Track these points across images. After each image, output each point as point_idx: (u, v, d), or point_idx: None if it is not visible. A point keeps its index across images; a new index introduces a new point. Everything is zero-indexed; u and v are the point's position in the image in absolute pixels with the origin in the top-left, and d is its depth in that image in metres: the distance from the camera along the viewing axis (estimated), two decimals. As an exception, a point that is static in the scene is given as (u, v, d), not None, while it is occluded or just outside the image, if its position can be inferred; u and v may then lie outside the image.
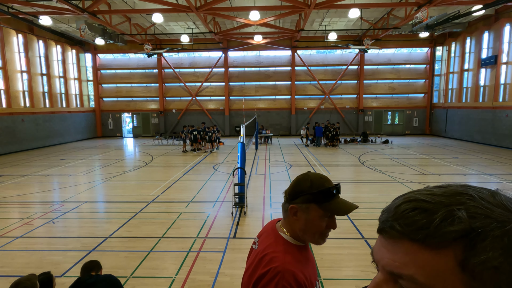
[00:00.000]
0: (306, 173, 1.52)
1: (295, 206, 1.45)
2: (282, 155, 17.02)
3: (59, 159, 16.52)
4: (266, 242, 1.49)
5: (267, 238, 1.53)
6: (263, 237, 1.56)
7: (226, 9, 17.38)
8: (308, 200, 1.42)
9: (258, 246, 1.52)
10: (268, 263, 1.36)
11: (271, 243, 1.47)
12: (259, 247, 1.50)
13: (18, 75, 19.96)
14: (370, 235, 6.31)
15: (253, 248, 1.58)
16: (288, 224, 1.51)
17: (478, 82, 21.21)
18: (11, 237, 6.47)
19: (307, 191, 1.43)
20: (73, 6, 15.23)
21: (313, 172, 1.54)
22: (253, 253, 1.55)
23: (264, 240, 1.53)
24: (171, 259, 5.49)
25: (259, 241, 1.55)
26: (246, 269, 1.50)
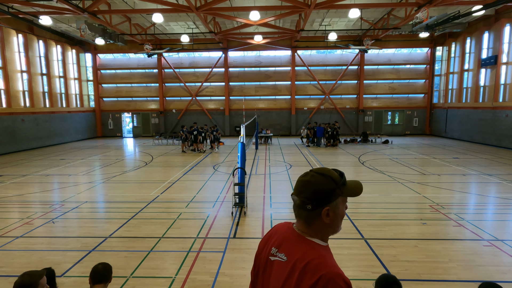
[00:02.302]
0: (313, 173, 1.47)
1: (328, 207, 1.41)
2: (282, 155, 17.02)
3: (59, 159, 16.52)
4: (298, 250, 1.41)
5: (295, 246, 1.43)
6: (287, 246, 1.46)
7: (226, 9, 17.38)
8: (337, 194, 1.42)
9: (288, 256, 1.42)
10: (315, 271, 1.30)
11: (307, 250, 1.38)
12: (290, 257, 1.40)
13: (18, 75, 19.96)
14: (370, 235, 6.31)
15: (279, 261, 1.46)
16: (317, 227, 1.44)
17: (478, 82, 21.21)
18: (11, 237, 6.47)
19: (335, 187, 1.42)
20: (73, 6, 15.23)
21: (315, 169, 1.51)
22: (282, 265, 1.43)
23: (292, 248, 1.43)
24: (171, 259, 5.49)
25: (286, 252, 1.45)
26: (281, 284, 1.39)
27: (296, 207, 1.47)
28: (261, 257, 1.61)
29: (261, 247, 1.64)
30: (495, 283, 2.42)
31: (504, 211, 7.93)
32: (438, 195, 9.10)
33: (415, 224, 6.98)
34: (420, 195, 9.18)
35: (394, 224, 6.97)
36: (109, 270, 2.96)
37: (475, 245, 5.88)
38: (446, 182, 10.65)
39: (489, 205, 8.50)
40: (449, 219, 7.23)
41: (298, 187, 1.47)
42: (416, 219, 7.32)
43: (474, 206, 8.42)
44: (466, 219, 7.18)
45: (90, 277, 2.88)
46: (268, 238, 1.61)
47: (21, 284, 2.50)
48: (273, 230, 1.64)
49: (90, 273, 2.88)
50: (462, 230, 6.60)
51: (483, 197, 9.15)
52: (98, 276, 2.87)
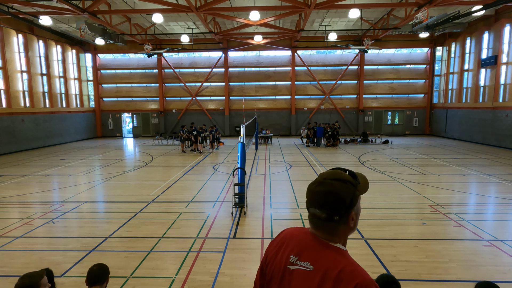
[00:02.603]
0: (329, 181, 1.38)
1: (353, 211, 1.38)
2: (282, 155, 17.02)
3: (59, 159, 16.52)
4: (326, 257, 1.34)
5: (320, 253, 1.36)
6: (310, 254, 1.38)
7: (226, 9, 17.38)
8: (357, 196, 1.40)
9: (314, 265, 1.34)
10: (350, 279, 1.26)
11: (336, 257, 1.33)
12: (318, 266, 1.33)
13: (18, 75, 19.97)
14: (370, 235, 6.31)
15: (302, 270, 1.37)
16: (341, 233, 1.40)
17: (478, 83, 21.21)
18: (11, 237, 6.47)
19: (354, 190, 1.39)
20: (73, 6, 15.23)
21: (326, 175, 1.42)
22: (308, 274, 1.34)
23: (318, 256, 1.36)
24: (171, 259, 5.49)
25: (311, 260, 1.36)
26: None
27: (318, 219, 1.38)
28: (274, 266, 1.48)
29: (272, 255, 1.52)
30: (491, 282, 2.42)
31: (504, 211, 7.93)
32: (438, 195, 9.10)
33: (415, 224, 6.98)
34: (420, 195, 9.18)
35: (394, 224, 6.97)
36: (104, 271, 2.93)
37: (475, 245, 5.88)
38: (446, 182, 10.65)
39: (489, 205, 8.50)
40: (449, 219, 7.23)
41: (317, 199, 1.38)
42: (416, 219, 7.32)
43: (474, 206, 8.42)
44: (466, 219, 7.18)
45: (86, 278, 2.86)
46: (281, 245, 1.50)
47: (21, 287, 2.50)
48: (285, 237, 1.53)
49: (86, 275, 2.87)
50: (462, 230, 6.60)
51: (483, 197, 9.15)
52: (93, 278, 2.86)
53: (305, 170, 12.90)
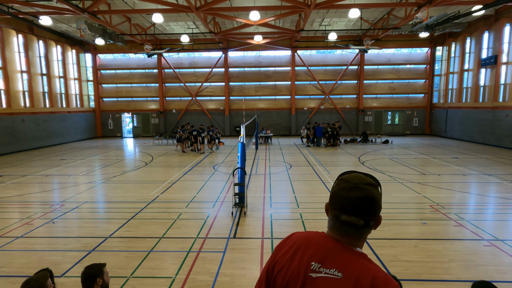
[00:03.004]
0: (362, 185, 1.34)
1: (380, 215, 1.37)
2: (282, 155, 17.02)
3: (59, 159, 16.52)
4: (355, 264, 1.30)
5: (348, 259, 1.31)
6: (336, 260, 1.32)
7: (226, 9, 17.37)
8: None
9: (343, 272, 1.29)
10: (384, 285, 1.24)
11: (365, 263, 1.30)
12: (348, 273, 1.28)
13: (18, 75, 19.96)
14: (370, 235, 6.28)
15: (329, 278, 1.30)
16: (366, 237, 1.39)
17: (478, 82, 21.21)
18: (11, 237, 6.47)
19: (380, 193, 1.39)
20: (73, 6, 15.23)
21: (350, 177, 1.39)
22: (337, 282, 1.28)
23: (347, 263, 1.30)
24: (171, 259, 5.49)
25: (338, 267, 1.30)
26: None
27: (353, 227, 1.33)
28: (290, 274, 1.37)
29: (285, 261, 1.41)
30: (488, 282, 2.42)
31: (504, 211, 7.93)
32: (438, 195, 9.10)
33: (415, 224, 6.98)
34: (420, 195, 9.18)
35: (394, 224, 6.97)
36: (93, 269, 2.95)
37: (475, 245, 5.87)
38: (446, 182, 10.65)
39: (489, 205, 8.50)
40: (449, 219, 7.23)
41: (353, 205, 1.32)
42: (416, 219, 7.32)
43: (474, 206, 8.41)
44: (466, 219, 7.18)
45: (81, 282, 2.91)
46: (296, 250, 1.40)
47: None
48: (298, 241, 1.44)
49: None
50: (462, 230, 6.60)
51: (483, 197, 9.15)
52: (84, 281, 2.91)
53: (305, 170, 12.90)
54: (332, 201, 1.39)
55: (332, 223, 1.39)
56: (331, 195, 1.40)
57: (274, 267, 1.45)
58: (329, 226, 1.42)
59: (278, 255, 1.46)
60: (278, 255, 1.47)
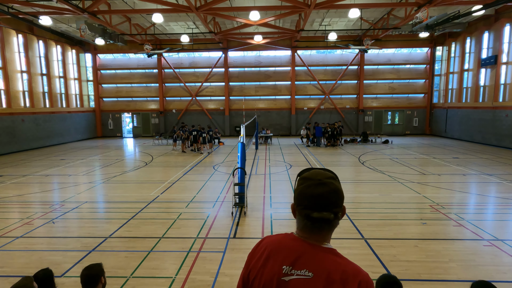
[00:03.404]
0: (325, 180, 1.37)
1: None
2: (282, 155, 17.02)
3: (59, 159, 16.52)
4: (324, 261, 1.32)
5: (317, 258, 1.33)
6: (307, 260, 1.33)
7: (226, 9, 17.37)
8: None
9: (314, 271, 1.30)
10: (353, 278, 1.28)
11: (334, 259, 1.33)
12: (319, 272, 1.30)
13: (18, 75, 19.97)
14: (370, 235, 6.31)
15: (301, 279, 1.31)
16: (330, 232, 1.40)
17: (478, 82, 21.21)
18: (11, 237, 6.47)
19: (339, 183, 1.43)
20: (73, 6, 15.23)
21: (313, 174, 1.41)
22: (308, 282, 1.30)
23: (317, 262, 1.32)
24: (171, 259, 5.49)
25: (309, 267, 1.32)
26: None
27: (325, 222, 1.34)
28: (263, 281, 1.38)
29: (259, 268, 1.42)
30: (487, 282, 2.41)
31: (504, 211, 7.93)
32: (438, 195, 9.10)
33: (415, 224, 6.98)
34: (420, 195, 9.18)
35: (394, 224, 6.97)
36: (95, 270, 2.90)
37: (475, 245, 5.87)
38: (446, 182, 10.65)
39: (489, 205, 8.50)
40: (449, 219, 7.23)
41: (323, 200, 1.34)
42: (416, 219, 7.32)
43: (474, 206, 8.42)
44: (466, 219, 7.18)
45: (81, 284, 2.85)
46: (268, 256, 1.41)
47: None
48: (269, 246, 1.44)
49: (80, 280, 2.86)
50: (462, 230, 6.60)
51: (483, 197, 9.15)
52: (86, 282, 2.85)
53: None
54: (299, 201, 1.38)
55: (303, 223, 1.38)
56: (298, 195, 1.39)
57: (249, 275, 1.46)
58: (299, 226, 1.41)
59: (252, 263, 1.46)
60: (251, 263, 1.47)
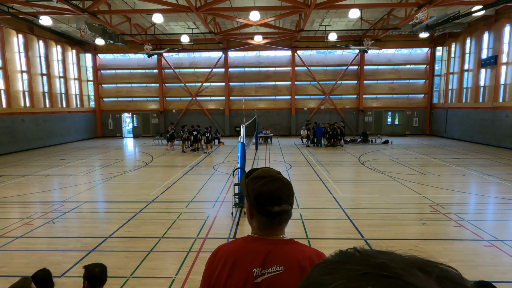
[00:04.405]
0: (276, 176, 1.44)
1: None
2: (282, 155, 17.02)
3: (59, 159, 16.52)
4: (288, 253, 1.36)
5: (282, 251, 1.36)
6: (274, 257, 1.35)
7: (226, 9, 17.38)
8: None
9: (284, 264, 1.33)
10: (319, 260, 1.31)
11: (298, 248, 1.38)
12: (288, 263, 1.33)
13: (18, 75, 19.96)
14: (370, 236, 6.31)
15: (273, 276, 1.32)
16: (286, 224, 1.45)
17: (478, 83, 21.21)
18: (11, 237, 6.47)
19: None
20: (73, 6, 15.23)
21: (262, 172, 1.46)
22: (282, 276, 1.32)
23: (283, 255, 1.35)
24: (171, 259, 5.49)
25: (278, 262, 1.34)
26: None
27: (286, 214, 1.40)
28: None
29: (225, 280, 1.37)
30: (487, 282, 2.41)
31: (504, 211, 7.93)
32: (438, 195, 9.10)
33: (415, 224, 6.98)
34: (420, 195, 9.18)
35: (394, 224, 6.97)
36: (106, 272, 2.94)
37: (475, 245, 5.88)
38: (446, 182, 10.65)
39: (489, 205, 8.50)
40: (449, 219, 7.23)
41: (281, 194, 1.39)
42: (416, 219, 7.32)
43: (474, 206, 8.42)
44: (466, 219, 7.18)
45: (87, 280, 2.83)
46: (233, 266, 1.37)
47: None
48: (231, 255, 1.40)
49: (87, 277, 2.84)
50: (462, 230, 6.60)
51: (483, 197, 9.15)
52: (97, 280, 2.84)
53: (305, 170, 12.90)
54: (258, 200, 1.39)
55: (263, 222, 1.40)
56: (256, 195, 1.40)
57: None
58: (259, 226, 1.42)
59: (213, 278, 1.40)
60: (212, 278, 1.41)
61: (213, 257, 1.46)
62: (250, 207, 1.43)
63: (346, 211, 7.79)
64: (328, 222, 7.22)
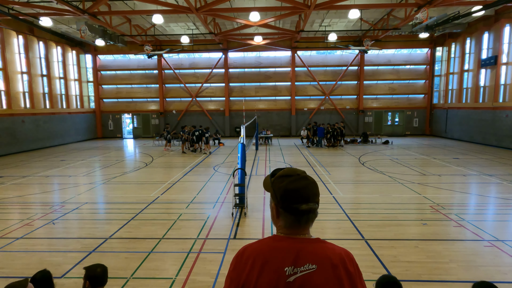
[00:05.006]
0: (302, 175, 1.46)
1: None
2: (282, 156, 17.02)
3: (59, 160, 16.52)
4: (318, 251, 1.36)
5: (311, 249, 1.37)
6: (305, 255, 1.35)
7: (226, 10, 17.39)
8: None
9: (316, 263, 1.34)
10: (347, 257, 1.39)
11: (328, 246, 1.39)
12: (320, 261, 1.34)
13: (19, 76, 19.98)
14: (370, 236, 6.31)
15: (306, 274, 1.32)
16: (312, 223, 1.45)
17: (478, 83, 21.21)
18: (12, 238, 6.47)
19: None
20: (73, 7, 15.25)
21: (287, 172, 1.48)
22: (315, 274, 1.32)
23: (313, 253, 1.36)
24: (171, 260, 5.49)
25: (310, 261, 1.34)
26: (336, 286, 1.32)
27: (313, 213, 1.40)
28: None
29: (255, 280, 1.35)
30: (489, 282, 2.41)
31: (504, 211, 7.92)
32: (438, 196, 9.09)
33: (416, 225, 6.97)
34: (420, 195, 9.17)
35: (394, 224, 6.96)
36: (107, 272, 2.96)
37: (476, 246, 5.87)
38: (446, 183, 10.65)
39: (490, 205, 8.50)
40: (449, 219, 7.23)
41: (310, 192, 1.40)
42: (417, 220, 7.32)
43: (475, 207, 8.41)
44: (466, 220, 7.17)
45: (89, 280, 2.82)
46: (263, 265, 1.36)
47: None
48: (260, 255, 1.39)
49: (88, 277, 2.83)
50: (462, 230, 6.59)
51: (483, 197, 9.14)
52: (99, 280, 2.84)
53: (306, 171, 12.86)
54: (286, 198, 1.39)
55: (290, 220, 1.40)
56: (283, 193, 1.40)
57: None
58: (286, 224, 1.41)
59: (243, 278, 1.38)
60: (241, 278, 1.39)
61: (239, 257, 1.44)
62: (276, 205, 1.43)
63: (346, 212, 7.79)
64: (329, 222, 7.21)
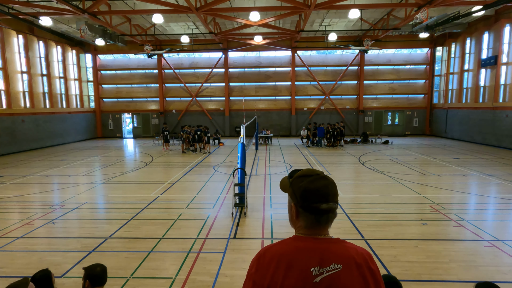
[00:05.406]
0: (321, 174, 1.45)
1: None
2: (282, 155, 17.02)
3: (59, 159, 16.52)
4: (343, 250, 1.37)
5: (335, 249, 1.37)
6: (330, 255, 1.35)
7: (226, 10, 17.39)
8: None
9: (341, 262, 1.34)
10: (368, 256, 1.40)
11: (350, 246, 1.40)
12: (344, 261, 1.34)
13: (19, 75, 19.97)
14: (370, 236, 6.31)
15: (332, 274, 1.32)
16: (331, 223, 1.45)
17: (478, 83, 21.21)
18: (11, 237, 6.47)
19: None
20: (74, 6, 15.24)
21: (306, 172, 1.48)
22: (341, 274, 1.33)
23: (338, 253, 1.36)
24: (171, 259, 5.49)
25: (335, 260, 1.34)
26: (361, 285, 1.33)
27: (333, 212, 1.40)
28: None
29: (281, 282, 1.33)
30: (491, 283, 2.41)
31: (504, 211, 7.92)
32: (438, 196, 9.09)
33: (416, 225, 6.98)
34: (420, 195, 9.17)
35: (394, 224, 6.97)
36: (106, 272, 2.96)
37: (476, 246, 5.87)
38: (446, 183, 10.65)
39: (490, 205, 8.50)
40: (449, 219, 7.23)
41: (330, 192, 1.39)
42: (417, 220, 7.32)
43: (475, 207, 8.41)
44: (466, 220, 7.17)
45: (88, 280, 2.82)
46: (288, 267, 1.34)
47: None
48: (284, 256, 1.37)
49: (88, 276, 2.83)
50: (462, 230, 6.60)
51: (483, 197, 9.14)
52: (98, 279, 2.84)
53: (305, 171, 12.87)
54: (306, 197, 1.39)
55: (311, 220, 1.40)
56: (303, 192, 1.40)
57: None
58: (307, 224, 1.41)
59: (267, 280, 1.36)
60: (266, 280, 1.36)
61: (261, 259, 1.42)
62: (296, 205, 1.43)
63: (346, 212, 7.79)
64: (328, 222, 7.20)
